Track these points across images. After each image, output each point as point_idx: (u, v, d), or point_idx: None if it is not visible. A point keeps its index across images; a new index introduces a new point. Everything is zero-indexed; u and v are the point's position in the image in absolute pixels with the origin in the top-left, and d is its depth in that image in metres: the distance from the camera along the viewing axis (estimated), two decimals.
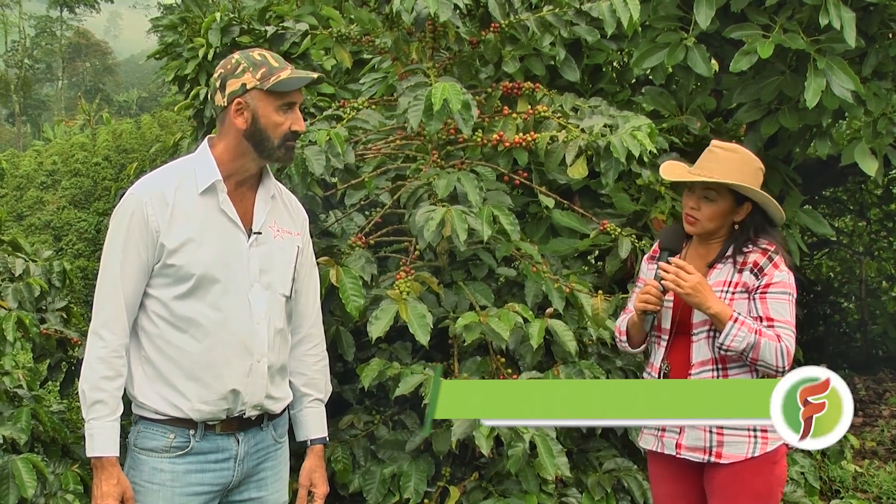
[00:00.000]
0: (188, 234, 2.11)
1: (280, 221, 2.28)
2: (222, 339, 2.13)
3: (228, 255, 2.15)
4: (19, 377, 3.75)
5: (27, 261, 3.77)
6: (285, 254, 2.27)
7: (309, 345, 2.39)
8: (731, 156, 2.49)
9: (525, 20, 3.45)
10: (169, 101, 22.25)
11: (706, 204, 2.50)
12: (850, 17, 3.92)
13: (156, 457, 2.13)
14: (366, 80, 4.31)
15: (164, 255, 2.10)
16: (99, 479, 2.08)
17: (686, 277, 2.43)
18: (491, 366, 3.19)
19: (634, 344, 2.68)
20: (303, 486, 2.34)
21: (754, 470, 2.46)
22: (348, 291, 2.96)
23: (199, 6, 5.23)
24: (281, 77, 2.14)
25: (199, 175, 2.16)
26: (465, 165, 3.35)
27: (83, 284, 14.64)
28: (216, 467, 2.16)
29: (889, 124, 4.38)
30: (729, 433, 2.47)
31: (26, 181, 18.70)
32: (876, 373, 7.62)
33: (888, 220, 8.33)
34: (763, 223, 2.51)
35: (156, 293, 2.13)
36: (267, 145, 2.16)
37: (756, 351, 2.40)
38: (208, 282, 2.11)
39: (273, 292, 2.22)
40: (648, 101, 4.61)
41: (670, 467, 2.60)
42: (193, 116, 4.95)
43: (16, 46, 40.63)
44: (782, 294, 2.44)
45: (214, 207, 2.15)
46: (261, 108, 2.14)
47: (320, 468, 2.37)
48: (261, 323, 2.18)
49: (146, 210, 2.10)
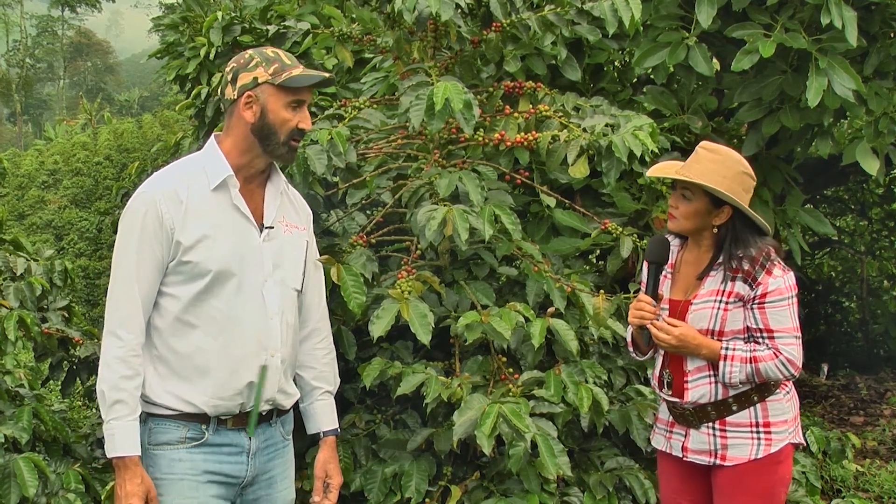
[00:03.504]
0: (203, 230, 2.12)
1: (288, 217, 2.30)
2: (237, 335, 2.14)
3: (242, 250, 2.16)
4: (21, 376, 3.75)
5: (28, 260, 3.77)
6: (295, 248, 2.29)
7: (317, 338, 2.41)
8: (712, 157, 2.47)
9: (526, 19, 3.45)
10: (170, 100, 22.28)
11: (683, 203, 2.49)
12: (851, 17, 3.92)
13: (171, 449, 2.13)
14: (367, 79, 4.31)
15: (180, 253, 2.10)
16: (122, 479, 2.08)
17: (670, 331, 2.45)
18: (492, 365, 3.19)
19: (643, 353, 2.69)
20: (318, 478, 2.35)
21: (758, 471, 2.47)
22: (350, 289, 2.96)
23: (201, 5, 5.23)
24: (293, 74, 2.16)
25: (209, 172, 2.17)
26: (467, 165, 3.35)
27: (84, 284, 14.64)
28: (231, 459, 2.18)
29: (890, 123, 4.38)
30: (733, 436, 2.48)
31: (28, 180, 18.72)
32: (877, 372, 7.63)
33: (889, 220, 8.34)
34: (744, 229, 2.46)
35: (170, 291, 2.13)
36: (273, 140, 2.17)
37: (758, 375, 2.42)
38: (224, 278, 2.12)
39: (285, 287, 2.23)
40: (650, 101, 4.61)
41: (678, 468, 2.61)
42: (195, 116, 4.95)
43: (17, 46, 40.66)
44: (780, 301, 2.41)
45: (227, 203, 2.16)
46: (270, 102, 2.16)
47: (334, 459, 2.38)
48: (274, 318, 2.19)
49: (160, 208, 2.10)
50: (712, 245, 2.52)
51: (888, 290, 8.58)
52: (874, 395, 6.83)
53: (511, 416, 2.75)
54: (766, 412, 2.47)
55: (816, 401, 6.55)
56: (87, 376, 3.77)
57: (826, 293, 8.52)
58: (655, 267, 2.56)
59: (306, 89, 2.20)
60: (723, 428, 2.49)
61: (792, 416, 2.53)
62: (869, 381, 7.23)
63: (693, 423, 2.52)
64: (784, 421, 2.49)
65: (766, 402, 2.47)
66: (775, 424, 2.48)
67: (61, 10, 41.57)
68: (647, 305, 2.50)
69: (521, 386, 3.05)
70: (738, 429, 2.48)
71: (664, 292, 2.59)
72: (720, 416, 2.48)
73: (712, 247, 2.52)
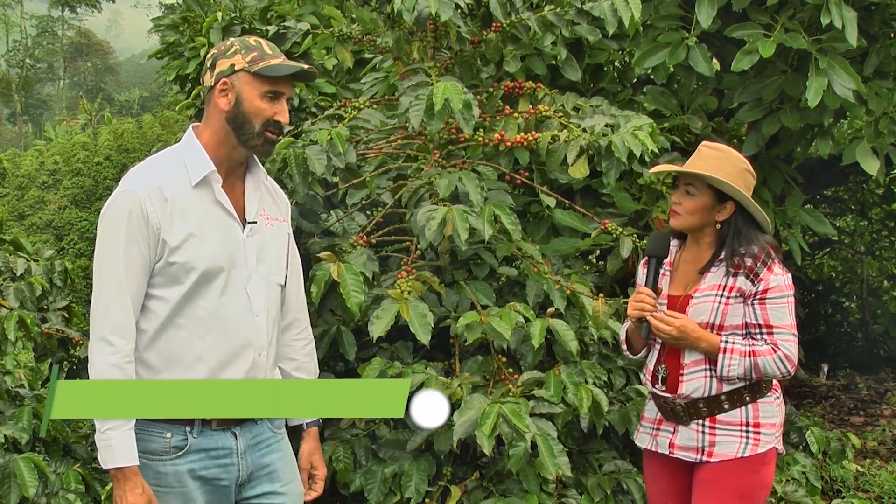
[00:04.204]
0: (188, 229, 2.06)
1: (269, 209, 2.24)
2: (224, 335, 2.10)
3: (228, 247, 2.11)
4: (21, 376, 3.75)
5: (29, 260, 3.77)
6: (278, 242, 2.24)
7: (297, 329, 2.37)
8: (715, 154, 2.51)
9: (526, 20, 3.45)
10: (170, 100, 22.28)
11: (687, 198, 2.51)
12: (851, 17, 3.92)
13: (157, 460, 2.09)
14: (367, 79, 4.31)
15: (167, 253, 2.05)
16: (122, 490, 2.02)
17: (669, 322, 2.46)
18: (492, 365, 3.19)
19: (635, 350, 2.70)
20: (303, 470, 2.34)
21: (742, 469, 2.47)
22: (349, 287, 2.96)
23: (201, 5, 5.24)
24: (271, 63, 2.10)
25: (190, 167, 2.10)
26: (467, 165, 3.35)
27: (84, 284, 14.64)
28: (219, 462, 2.14)
29: (890, 123, 4.38)
30: (721, 433, 2.48)
31: (28, 181, 18.71)
32: (877, 372, 7.62)
33: (889, 220, 8.34)
34: (746, 226, 2.49)
35: (157, 293, 2.08)
36: (247, 130, 2.10)
37: (756, 370, 2.43)
38: (211, 276, 2.08)
39: (270, 282, 2.20)
40: (650, 101, 4.61)
41: (664, 466, 2.62)
42: (195, 116, 4.95)
43: (17, 46, 40.68)
44: (781, 298, 2.44)
45: (209, 199, 2.11)
46: (246, 91, 2.09)
47: (318, 450, 2.37)
48: (260, 315, 2.16)
49: (145, 207, 2.03)
50: (713, 242, 2.53)
51: (888, 290, 8.59)
52: (874, 395, 6.83)
53: (511, 417, 2.75)
54: (756, 412, 2.48)
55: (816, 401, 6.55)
56: (87, 376, 3.77)
57: (826, 293, 8.52)
58: (656, 261, 2.58)
59: (285, 81, 2.12)
60: (713, 426, 2.49)
61: (779, 421, 2.54)
62: (869, 381, 7.22)
63: (683, 420, 2.53)
64: (773, 424, 2.51)
65: (758, 403, 2.49)
66: (764, 426, 2.49)
67: (61, 11, 41.58)
68: (648, 297, 2.51)
69: (521, 386, 3.05)
70: (727, 427, 2.48)
71: (663, 288, 2.60)
72: (711, 414, 2.49)
73: (713, 244, 2.53)
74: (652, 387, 2.60)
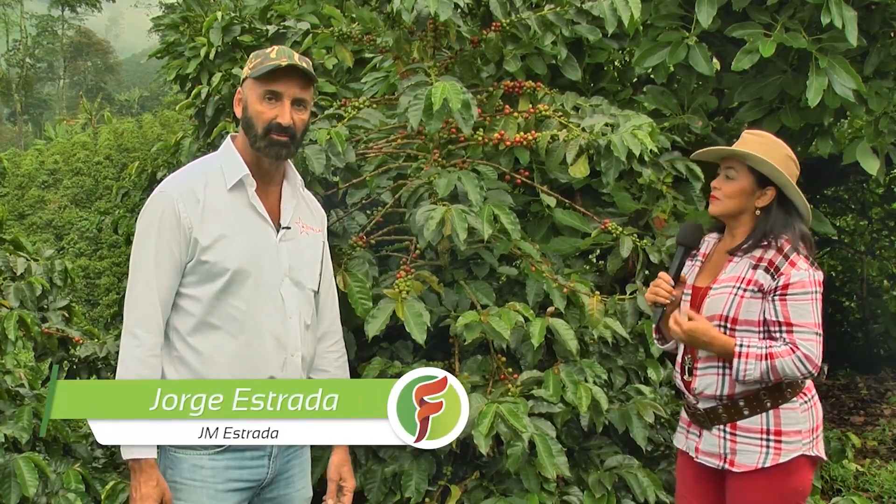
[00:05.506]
0: (220, 230, 2.11)
1: (304, 218, 2.29)
2: (257, 334, 2.14)
3: (259, 250, 2.15)
4: (21, 376, 3.75)
5: (29, 260, 3.78)
6: (312, 250, 2.28)
7: (330, 341, 2.40)
8: (759, 140, 2.48)
9: (526, 19, 3.45)
10: (170, 100, 22.28)
11: (726, 182, 2.47)
12: (851, 16, 3.92)
13: (194, 454, 2.12)
14: (367, 79, 4.31)
15: (198, 252, 2.10)
16: (137, 481, 2.06)
17: (681, 323, 2.41)
18: (492, 365, 3.19)
19: (666, 341, 2.67)
20: (332, 481, 2.34)
21: (766, 480, 2.42)
22: (356, 295, 2.98)
23: (201, 5, 5.24)
24: (265, 64, 2.13)
25: (226, 171, 2.17)
26: (467, 164, 3.35)
27: (84, 284, 14.63)
28: (252, 464, 2.17)
29: (891, 123, 4.38)
30: (741, 441, 2.44)
31: (28, 180, 18.72)
32: (878, 372, 7.63)
33: (890, 219, 8.33)
34: (786, 215, 2.44)
35: (190, 292, 2.13)
36: (252, 133, 2.15)
37: (774, 372, 2.35)
38: (242, 277, 2.12)
39: (302, 288, 2.23)
40: (650, 100, 4.61)
41: (693, 467, 2.59)
42: (195, 115, 4.94)
43: (17, 46, 40.67)
44: (803, 294, 2.36)
45: (244, 203, 2.16)
46: (249, 96, 2.16)
47: (348, 462, 2.37)
48: (292, 317, 2.19)
49: (177, 207, 2.09)
50: (748, 231, 2.48)
51: (888, 290, 8.58)
52: (874, 394, 6.83)
53: (508, 416, 2.75)
54: (778, 419, 2.41)
55: None
56: (87, 376, 3.78)
57: (826, 293, 8.49)
58: (684, 250, 2.55)
59: (280, 81, 2.14)
60: (733, 432, 2.45)
61: (808, 427, 2.45)
62: (869, 381, 7.23)
63: (705, 425, 2.51)
64: (797, 431, 2.42)
65: (780, 410, 2.41)
66: (787, 434, 2.40)
67: (61, 10, 41.57)
68: (664, 284, 2.48)
69: (521, 385, 3.05)
70: (748, 434, 2.43)
71: (689, 279, 2.57)
72: (731, 420, 2.45)
73: (748, 234, 2.48)
74: (680, 379, 2.57)
